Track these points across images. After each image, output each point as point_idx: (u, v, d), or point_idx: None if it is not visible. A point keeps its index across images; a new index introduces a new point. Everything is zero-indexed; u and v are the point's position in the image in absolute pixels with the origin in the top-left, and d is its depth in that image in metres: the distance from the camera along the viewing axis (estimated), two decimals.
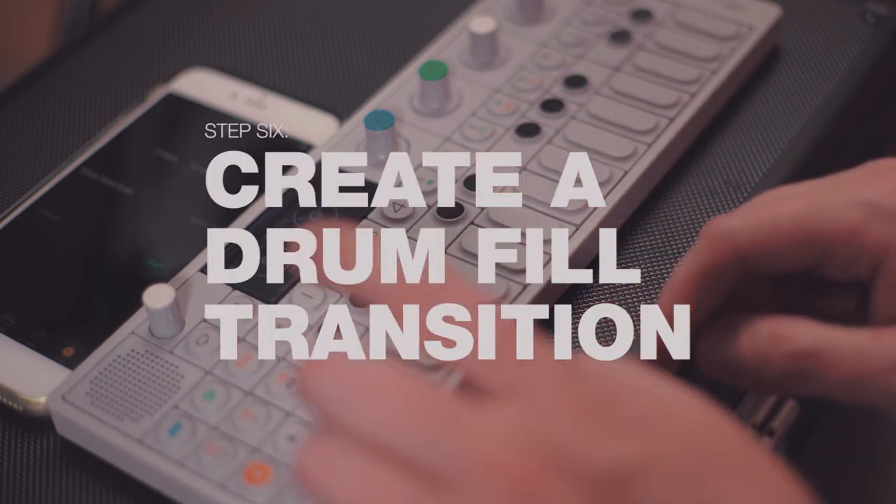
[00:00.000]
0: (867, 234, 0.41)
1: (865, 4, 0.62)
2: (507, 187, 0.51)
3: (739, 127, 0.57)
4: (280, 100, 0.59)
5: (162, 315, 0.46)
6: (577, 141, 0.53)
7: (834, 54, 0.60)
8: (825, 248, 0.42)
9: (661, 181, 0.54)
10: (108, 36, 0.65)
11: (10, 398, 0.47)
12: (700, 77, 0.56)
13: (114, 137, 0.58)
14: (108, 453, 0.45)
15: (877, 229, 0.41)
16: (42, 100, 0.61)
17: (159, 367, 0.46)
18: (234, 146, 0.57)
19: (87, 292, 0.52)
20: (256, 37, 0.64)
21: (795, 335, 0.41)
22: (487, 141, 0.53)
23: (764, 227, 0.42)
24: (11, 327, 0.50)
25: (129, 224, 0.55)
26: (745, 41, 0.57)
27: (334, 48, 0.63)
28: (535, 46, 0.58)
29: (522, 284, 0.47)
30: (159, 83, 0.61)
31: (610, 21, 0.59)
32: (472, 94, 0.55)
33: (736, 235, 0.42)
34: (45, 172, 0.57)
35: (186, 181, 0.56)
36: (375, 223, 0.50)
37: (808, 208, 0.42)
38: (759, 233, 0.42)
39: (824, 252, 0.42)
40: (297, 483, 0.33)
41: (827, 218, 0.41)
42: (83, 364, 0.46)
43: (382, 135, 0.52)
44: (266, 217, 0.51)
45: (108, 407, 0.45)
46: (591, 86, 0.56)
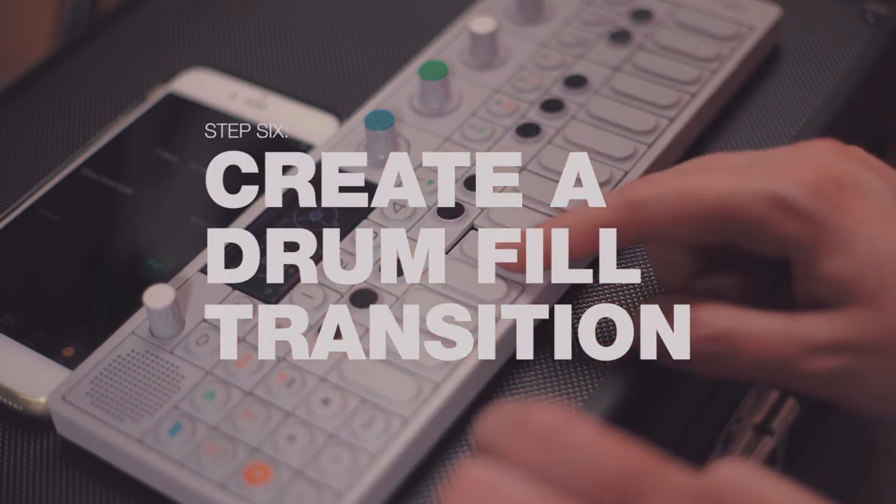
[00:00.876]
0: (773, 228, 0.41)
1: (865, 4, 0.62)
2: (507, 187, 0.51)
3: (739, 127, 0.57)
4: (280, 100, 0.59)
5: (162, 315, 0.46)
6: (577, 141, 0.53)
7: (834, 54, 0.60)
8: (733, 234, 0.42)
9: None
10: (108, 36, 0.65)
11: (10, 398, 0.47)
12: (700, 77, 0.56)
13: (114, 137, 0.58)
14: (108, 453, 0.45)
15: (783, 225, 0.41)
16: (42, 100, 0.61)
17: (159, 368, 0.46)
18: (234, 146, 0.57)
19: (87, 292, 0.52)
20: (256, 37, 0.64)
21: (709, 320, 0.42)
22: (487, 141, 0.53)
23: (671, 208, 0.42)
24: (11, 327, 0.50)
25: (129, 224, 0.55)
26: (745, 41, 0.57)
27: (334, 48, 0.63)
28: (535, 46, 0.58)
29: (522, 284, 0.47)
30: (159, 83, 0.61)
31: (610, 21, 0.59)
32: (472, 94, 0.55)
33: (643, 210, 0.42)
34: (45, 172, 0.57)
35: (186, 181, 0.56)
36: (375, 223, 0.50)
37: (718, 196, 0.42)
38: (666, 213, 0.42)
39: (733, 237, 0.42)
40: None
41: (735, 208, 0.42)
42: (83, 364, 0.46)
43: (382, 135, 0.52)
44: (266, 217, 0.51)
45: (108, 407, 0.45)
46: (591, 86, 0.56)
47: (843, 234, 0.41)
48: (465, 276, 0.47)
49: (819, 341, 0.41)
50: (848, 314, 0.41)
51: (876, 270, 0.40)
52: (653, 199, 0.43)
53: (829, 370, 0.41)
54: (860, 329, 0.40)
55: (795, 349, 0.41)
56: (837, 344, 0.41)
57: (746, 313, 0.42)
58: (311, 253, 0.49)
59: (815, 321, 0.41)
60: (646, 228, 0.43)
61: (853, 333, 0.40)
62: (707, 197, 0.42)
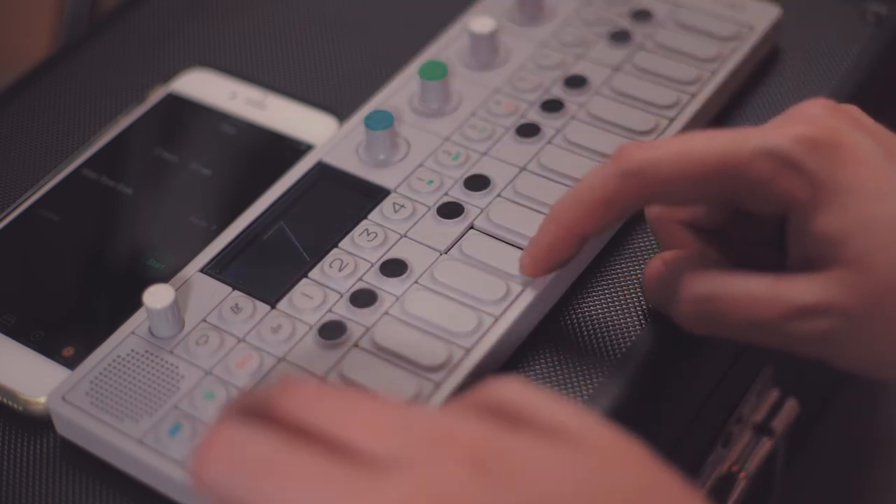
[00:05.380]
0: (773, 184, 0.41)
1: (865, 4, 0.62)
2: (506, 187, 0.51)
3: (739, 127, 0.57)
4: (280, 100, 0.59)
5: (162, 315, 0.46)
6: (577, 141, 0.53)
7: (834, 54, 0.60)
8: (734, 191, 0.42)
9: None
10: (108, 36, 0.65)
11: (10, 398, 0.47)
12: (700, 77, 0.56)
13: (114, 137, 0.58)
14: (108, 453, 0.45)
15: (782, 180, 0.41)
16: (42, 100, 0.61)
17: (159, 368, 0.46)
18: (233, 146, 0.57)
19: (86, 292, 0.52)
20: (256, 37, 0.64)
21: (696, 281, 0.43)
22: (487, 141, 0.53)
23: (671, 169, 0.42)
24: (11, 327, 0.50)
25: (129, 224, 0.54)
26: (745, 41, 0.57)
27: (334, 48, 0.63)
28: (535, 46, 0.58)
29: (522, 284, 0.47)
30: (159, 83, 0.61)
31: (610, 21, 0.59)
32: (472, 94, 0.55)
33: (645, 174, 0.42)
34: (45, 172, 0.57)
35: (186, 181, 0.56)
36: (375, 223, 0.50)
37: (718, 156, 0.42)
38: (669, 174, 0.42)
39: (734, 195, 0.43)
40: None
41: (735, 164, 0.42)
42: (83, 364, 0.46)
43: (382, 135, 0.52)
44: (266, 217, 0.51)
45: (108, 407, 0.45)
46: (591, 86, 0.56)
47: (835, 191, 0.41)
48: (466, 275, 0.47)
49: (802, 303, 0.41)
50: (832, 275, 0.41)
51: (863, 231, 0.40)
52: (650, 163, 0.42)
53: (812, 332, 0.41)
54: (844, 291, 0.40)
55: (778, 311, 0.41)
56: (821, 306, 0.40)
57: (731, 275, 0.42)
58: (311, 253, 0.49)
59: (800, 283, 0.41)
60: (647, 192, 0.43)
61: (837, 295, 0.40)
62: (708, 154, 0.42)
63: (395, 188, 0.51)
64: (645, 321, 0.48)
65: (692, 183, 0.42)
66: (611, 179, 0.43)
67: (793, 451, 0.64)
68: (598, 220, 0.44)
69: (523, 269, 0.47)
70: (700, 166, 0.42)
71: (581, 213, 0.44)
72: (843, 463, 0.72)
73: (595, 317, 0.49)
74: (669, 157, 0.42)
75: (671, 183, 0.42)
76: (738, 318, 0.42)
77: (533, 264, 0.46)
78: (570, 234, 0.45)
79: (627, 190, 0.43)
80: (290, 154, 0.56)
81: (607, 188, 0.43)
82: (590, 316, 0.49)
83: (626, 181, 0.43)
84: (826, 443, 0.72)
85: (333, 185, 0.52)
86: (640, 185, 0.43)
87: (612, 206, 0.43)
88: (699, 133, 0.43)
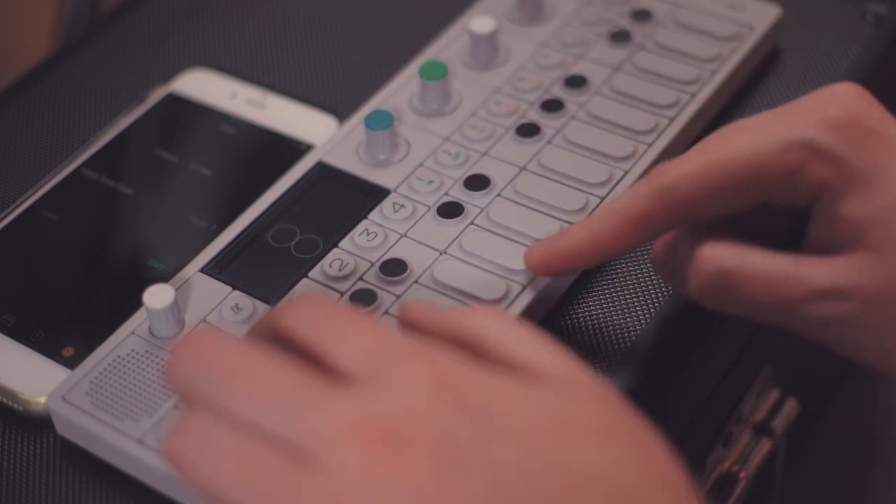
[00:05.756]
0: (804, 174, 0.41)
1: (865, 4, 0.62)
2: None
3: None
4: (280, 100, 0.59)
5: (162, 315, 0.46)
6: (577, 141, 0.53)
7: (834, 54, 0.60)
8: (765, 191, 0.42)
9: None
10: (108, 36, 0.65)
11: (10, 398, 0.47)
12: (700, 77, 0.56)
13: (114, 137, 0.58)
14: (108, 453, 0.45)
15: (813, 169, 0.41)
16: (42, 100, 0.61)
17: (159, 367, 0.46)
18: (233, 146, 0.57)
19: (86, 292, 0.52)
20: (256, 37, 0.64)
21: (714, 255, 0.42)
22: (487, 141, 0.53)
23: (698, 184, 0.42)
24: (11, 327, 0.50)
25: (129, 224, 0.55)
26: (745, 41, 0.57)
27: (334, 48, 0.63)
28: (535, 46, 0.58)
29: (522, 284, 0.47)
30: (159, 83, 0.61)
31: (610, 21, 0.59)
32: (472, 94, 0.55)
33: (673, 193, 0.42)
34: (45, 172, 0.57)
35: (186, 181, 0.56)
36: (375, 223, 0.50)
37: (741, 157, 0.42)
38: (697, 190, 0.42)
39: (764, 193, 0.42)
40: (168, 465, 0.33)
41: (761, 164, 0.41)
42: (83, 364, 0.46)
43: (382, 135, 0.52)
44: (266, 217, 0.51)
45: (107, 407, 0.45)
46: (591, 86, 0.56)
47: (864, 176, 0.40)
48: (465, 275, 0.47)
49: (823, 286, 0.40)
50: (853, 259, 0.40)
51: (888, 218, 0.40)
52: (679, 181, 0.42)
53: (828, 316, 0.41)
54: (863, 276, 0.40)
55: (796, 292, 0.41)
56: (838, 290, 0.40)
57: (750, 252, 0.42)
58: (310, 253, 0.49)
59: (820, 265, 0.41)
60: (680, 211, 0.43)
61: (855, 280, 0.40)
62: (730, 161, 0.42)
63: (395, 188, 0.51)
64: (645, 321, 0.48)
65: (720, 192, 0.42)
66: (643, 197, 0.43)
67: (793, 451, 0.64)
68: (626, 238, 0.43)
69: (529, 263, 0.46)
70: (724, 172, 0.42)
71: (611, 227, 0.43)
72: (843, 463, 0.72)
73: (595, 317, 0.49)
74: (695, 170, 0.42)
75: (700, 197, 0.42)
76: (756, 295, 0.41)
77: (542, 263, 0.46)
78: (593, 246, 0.44)
79: (659, 209, 0.43)
80: (290, 154, 0.56)
81: (641, 205, 0.43)
82: (590, 316, 0.49)
83: (658, 199, 0.42)
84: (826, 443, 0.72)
85: (333, 185, 0.52)
86: (672, 202, 0.42)
87: (643, 223, 0.43)
88: (718, 140, 0.43)
